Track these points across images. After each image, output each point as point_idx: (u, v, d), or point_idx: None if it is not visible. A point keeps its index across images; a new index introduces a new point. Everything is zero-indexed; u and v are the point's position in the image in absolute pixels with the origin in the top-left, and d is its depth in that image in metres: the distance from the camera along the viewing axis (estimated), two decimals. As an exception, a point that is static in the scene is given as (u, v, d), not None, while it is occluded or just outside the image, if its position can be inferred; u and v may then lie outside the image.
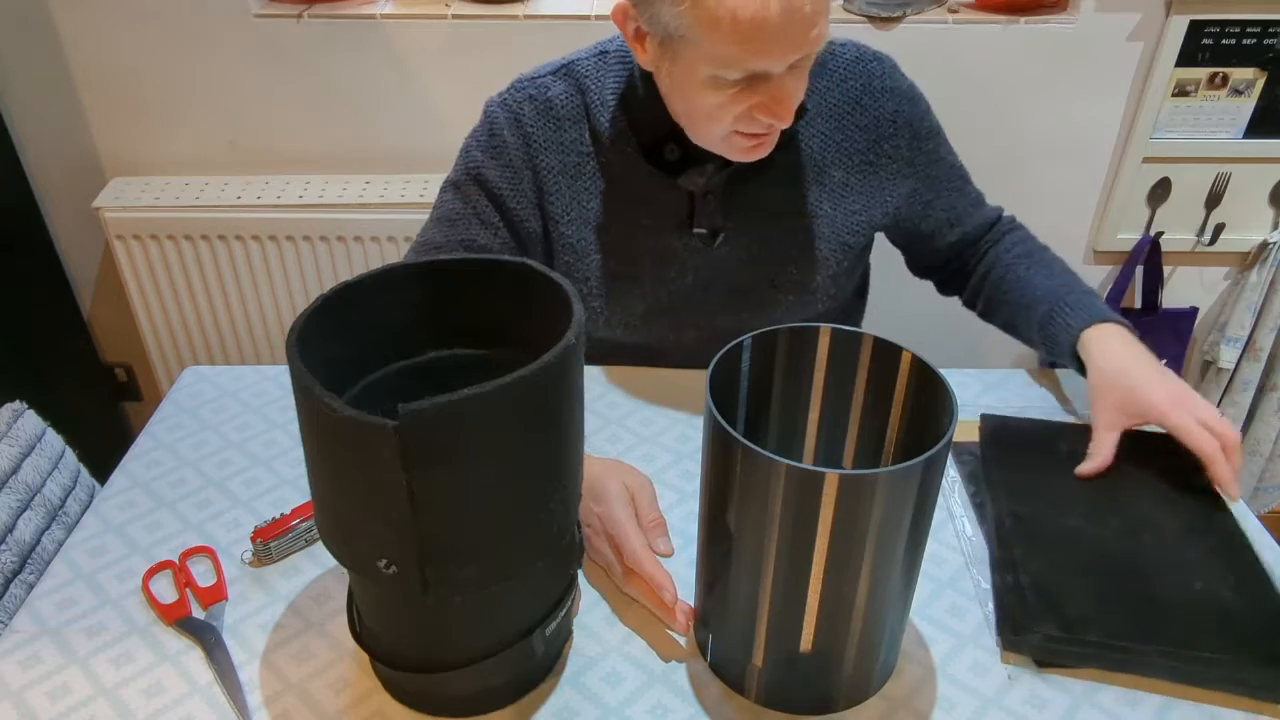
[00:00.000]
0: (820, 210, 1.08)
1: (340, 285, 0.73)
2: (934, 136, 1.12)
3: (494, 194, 1.06)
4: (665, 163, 1.03)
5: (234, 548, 0.93)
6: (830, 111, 1.07)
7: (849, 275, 1.14)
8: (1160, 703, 0.78)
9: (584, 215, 1.07)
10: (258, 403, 1.12)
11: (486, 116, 1.07)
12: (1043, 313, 1.07)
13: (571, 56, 1.07)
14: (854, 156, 1.08)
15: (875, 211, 1.10)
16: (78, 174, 1.84)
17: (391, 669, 0.76)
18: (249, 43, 1.70)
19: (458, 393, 0.60)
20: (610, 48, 1.06)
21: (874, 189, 1.10)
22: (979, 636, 0.84)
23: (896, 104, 1.08)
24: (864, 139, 1.08)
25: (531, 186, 1.06)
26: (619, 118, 1.03)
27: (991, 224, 1.19)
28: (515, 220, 1.07)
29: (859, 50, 1.08)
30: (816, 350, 0.81)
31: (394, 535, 0.65)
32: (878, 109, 1.07)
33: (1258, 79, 1.69)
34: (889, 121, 1.08)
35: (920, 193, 1.12)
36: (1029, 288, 1.11)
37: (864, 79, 1.07)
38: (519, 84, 1.07)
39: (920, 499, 0.68)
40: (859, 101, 1.07)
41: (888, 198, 1.11)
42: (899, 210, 1.13)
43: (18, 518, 1.00)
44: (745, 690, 0.78)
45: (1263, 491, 2.06)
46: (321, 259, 1.79)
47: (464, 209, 1.06)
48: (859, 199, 1.09)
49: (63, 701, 0.78)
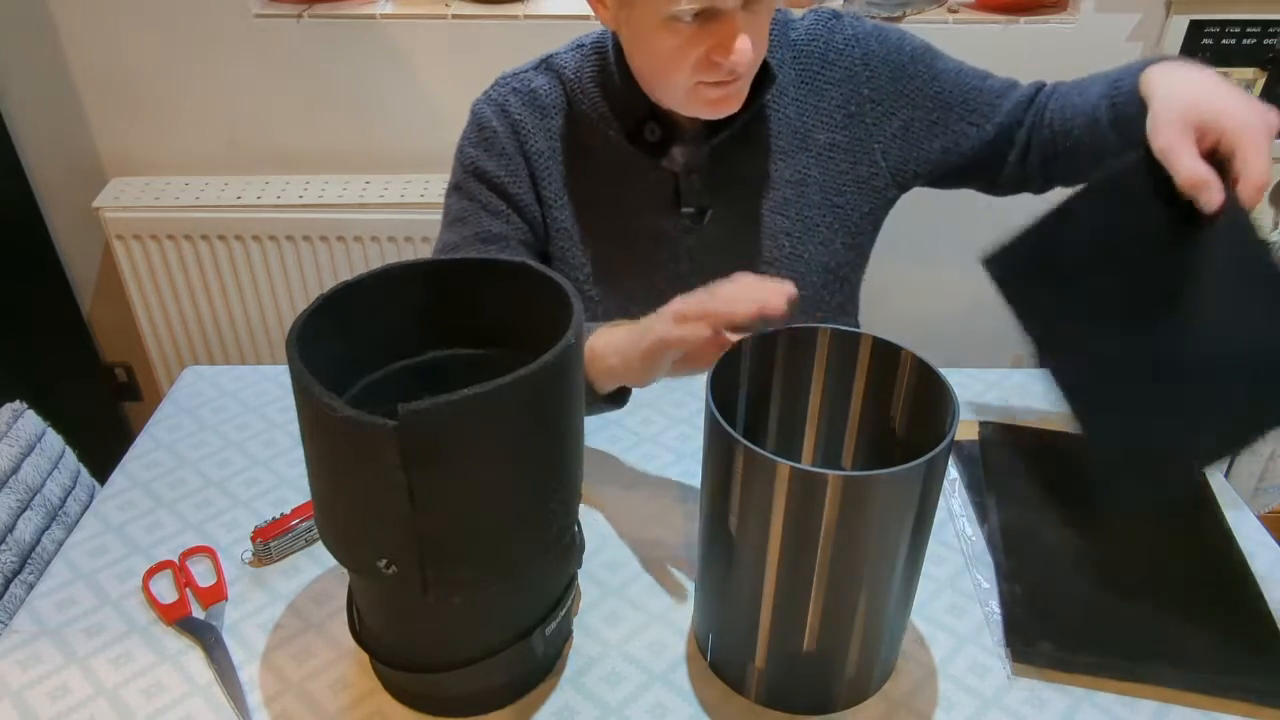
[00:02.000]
0: (809, 176, 1.08)
1: (340, 285, 0.73)
2: (919, 59, 1.08)
3: (494, 184, 1.07)
4: (648, 144, 1.04)
5: (234, 548, 0.93)
6: (800, 77, 1.08)
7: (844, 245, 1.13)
8: (1159, 703, 0.78)
9: (574, 201, 1.09)
10: (258, 403, 1.12)
11: (474, 115, 1.09)
12: (1105, 105, 0.95)
13: (550, 52, 1.10)
14: (834, 113, 1.08)
15: (862, 168, 1.09)
16: (78, 174, 1.84)
17: (391, 669, 0.76)
18: (249, 43, 1.70)
19: (458, 393, 0.60)
20: (586, 40, 1.09)
21: (860, 140, 1.09)
22: (979, 636, 0.84)
23: (864, 48, 1.08)
24: (840, 94, 1.08)
25: (526, 172, 1.08)
26: (599, 103, 1.05)
27: (1031, 99, 1.09)
28: (520, 205, 1.08)
29: (815, 13, 1.09)
30: (816, 350, 0.81)
31: (394, 535, 0.65)
32: (846, 61, 1.08)
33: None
34: (861, 66, 1.08)
35: (918, 118, 1.09)
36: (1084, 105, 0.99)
37: (825, 36, 1.08)
38: (502, 80, 1.10)
39: (922, 500, 0.68)
40: (825, 59, 1.08)
41: (875, 145, 1.09)
42: (889, 155, 1.10)
43: (18, 518, 1.00)
44: (745, 690, 0.78)
45: (1263, 491, 2.05)
46: (321, 259, 1.79)
47: (470, 205, 1.08)
48: (845, 156, 1.10)
49: (63, 701, 0.78)
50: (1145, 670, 0.79)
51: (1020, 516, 0.93)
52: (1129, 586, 0.85)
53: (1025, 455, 1.01)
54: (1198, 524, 0.92)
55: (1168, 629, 0.81)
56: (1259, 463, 2.00)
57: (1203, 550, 0.89)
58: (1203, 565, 0.87)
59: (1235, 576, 0.87)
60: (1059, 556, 0.88)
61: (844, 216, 1.11)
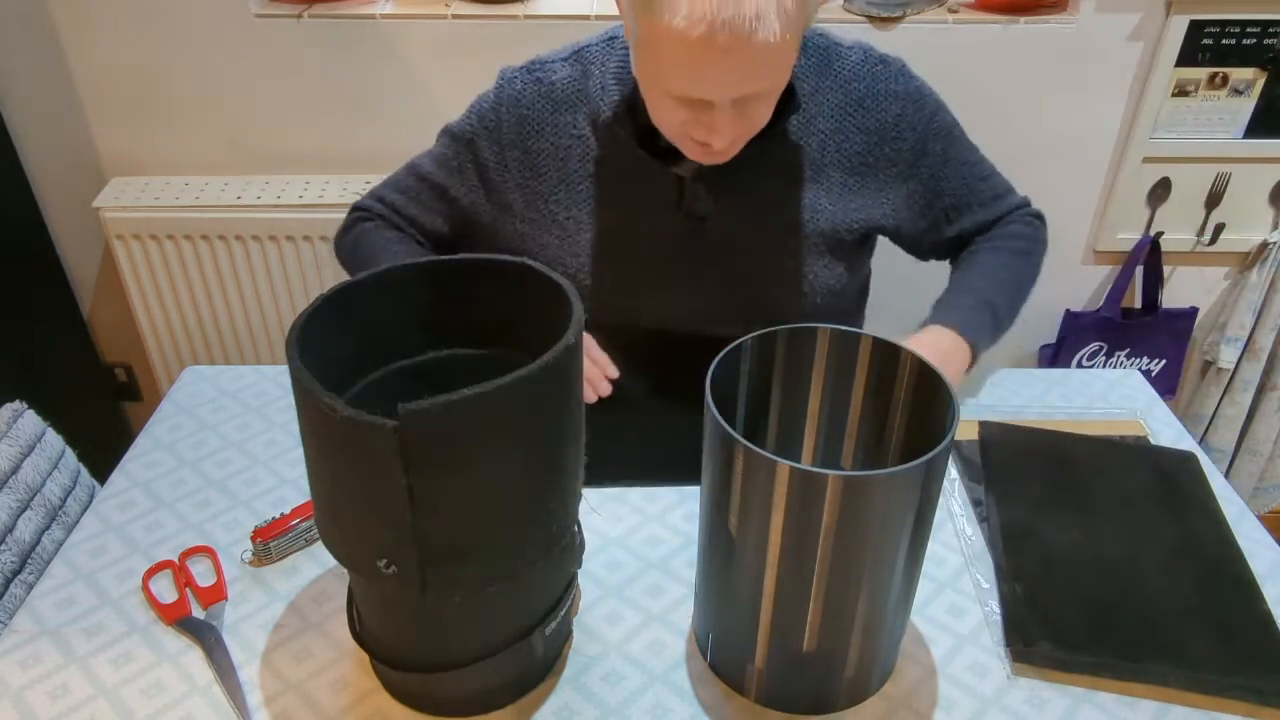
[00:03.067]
0: (819, 205, 1.08)
1: (340, 285, 0.73)
2: (943, 137, 1.11)
3: (480, 163, 1.11)
4: (659, 148, 1.04)
5: (234, 548, 0.93)
6: (832, 111, 1.07)
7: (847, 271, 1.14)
8: (1159, 703, 0.78)
9: (575, 195, 1.09)
10: (258, 403, 1.12)
11: (497, 86, 1.11)
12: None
13: (584, 42, 1.11)
14: (853, 158, 1.08)
15: (875, 212, 1.10)
16: (78, 174, 1.84)
17: (391, 669, 0.76)
18: (249, 43, 1.70)
19: (458, 393, 0.60)
20: (619, 33, 1.09)
21: (873, 190, 1.10)
22: (979, 636, 0.84)
23: (900, 108, 1.07)
24: (864, 141, 1.08)
25: (519, 164, 1.09)
26: (617, 103, 1.05)
27: (996, 219, 1.17)
28: (495, 189, 1.11)
29: (866, 53, 1.08)
30: (816, 350, 0.81)
31: (394, 535, 0.65)
32: (880, 113, 1.07)
33: (1258, 79, 1.69)
34: (891, 125, 1.07)
35: (920, 193, 1.12)
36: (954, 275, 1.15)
37: (869, 81, 1.07)
38: (533, 65, 1.10)
39: (922, 500, 0.68)
40: (861, 104, 1.07)
41: (884, 199, 1.10)
42: (897, 212, 1.12)
43: (18, 518, 1.00)
44: (745, 690, 0.78)
45: (1263, 491, 2.06)
46: (322, 259, 1.79)
47: (453, 159, 1.13)
48: (858, 198, 1.09)
49: (63, 701, 0.78)
50: (1145, 670, 0.79)
51: (1020, 516, 0.93)
52: (1129, 587, 0.85)
53: (1025, 455, 1.01)
54: (1198, 524, 0.92)
55: (1168, 629, 0.81)
56: (1259, 463, 2.00)
57: (1203, 550, 0.89)
58: (1203, 565, 0.88)
59: (1235, 576, 0.87)
60: (1059, 556, 0.88)
61: (851, 247, 1.11)
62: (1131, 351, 1.93)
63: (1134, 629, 0.81)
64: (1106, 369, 1.77)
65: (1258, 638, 0.81)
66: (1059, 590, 0.85)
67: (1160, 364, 1.94)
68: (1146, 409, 1.12)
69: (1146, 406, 1.13)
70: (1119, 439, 1.05)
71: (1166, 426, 1.09)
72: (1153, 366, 1.94)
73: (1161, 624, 0.82)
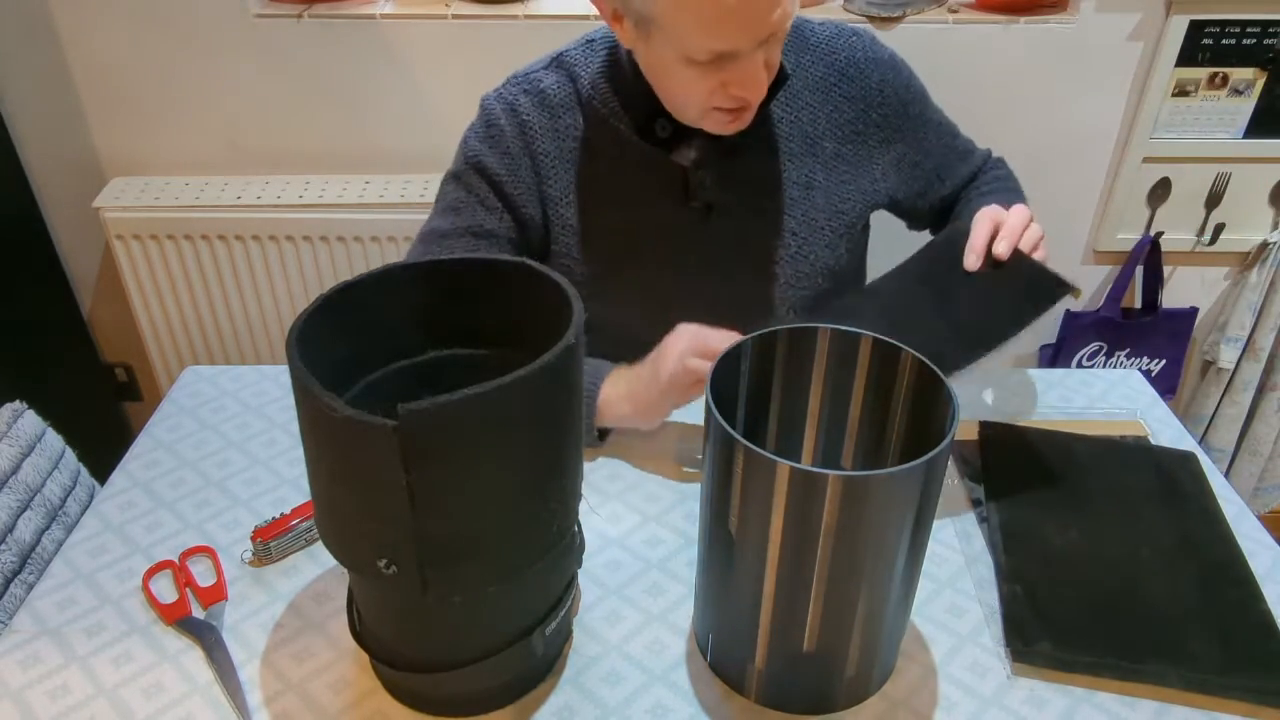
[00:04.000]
0: (815, 180, 1.11)
1: (340, 285, 0.73)
2: (919, 100, 1.16)
3: (493, 180, 1.09)
4: (658, 139, 1.05)
5: (234, 548, 0.93)
6: (816, 84, 1.10)
7: (848, 250, 1.16)
8: (1159, 703, 0.78)
9: (583, 198, 1.09)
10: (258, 403, 1.12)
11: (483, 109, 1.11)
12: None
13: (560, 49, 1.11)
14: (844, 127, 1.11)
15: (864, 181, 1.13)
16: (78, 174, 1.84)
17: (391, 669, 0.76)
18: (248, 43, 1.70)
19: (457, 393, 0.60)
20: (596, 36, 1.10)
21: (863, 158, 1.13)
22: (979, 636, 0.84)
23: (881, 74, 1.11)
24: (852, 110, 1.11)
25: (530, 172, 1.09)
26: (610, 99, 1.06)
27: (976, 172, 1.23)
28: (515, 205, 1.10)
29: (837, 26, 1.12)
30: (816, 350, 0.81)
31: (394, 535, 0.65)
32: (864, 80, 1.10)
33: (1258, 79, 1.69)
34: (875, 91, 1.11)
35: (908, 155, 1.15)
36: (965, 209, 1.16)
37: (847, 52, 1.10)
38: (514, 79, 1.11)
39: (922, 500, 0.68)
40: (844, 73, 1.10)
41: (875, 165, 1.14)
42: (887, 177, 1.15)
43: (18, 518, 1.00)
44: (745, 690, 0.78)
45: (1263, 491, 2.06)
46: (321, 259, 1.79)
47: (467, 196, 1.10)
48: (849, 168, 1.12)
49: (63, 701, 0.78)
50: (1145, 670, 0.79)
51: (1020, 516, 0.93)
52: (1129, 586, 0.85)
53: (1025, 455, 1.01)
54: (1197, 524, 0.92)
55: (1168, 629, 0.81)
56: (1259, 463, 2.00)
57: (1203, 550, 0.89)
58: (1203, 565, 0.88)
59: (1235, 576, 0.87)
60: (1059, 556, 0.88)
61: (847, 223, 1.13)
62: (1131, 351, 1.93)
63: (1134, 629, 0.81)
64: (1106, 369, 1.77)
65: (1258, 638, 0.81)
66: (1059, 590, 0.85)
67: (1160, 364, 1.94)
68: (1146, 409, 1.12)
69: (1146, 406, 1.13)
70: (1119, 439, 1.05)
71: (1166, 426, 1.09)
72: (1153, 366, 1.94)
73: (1161, 624, 0.82)
